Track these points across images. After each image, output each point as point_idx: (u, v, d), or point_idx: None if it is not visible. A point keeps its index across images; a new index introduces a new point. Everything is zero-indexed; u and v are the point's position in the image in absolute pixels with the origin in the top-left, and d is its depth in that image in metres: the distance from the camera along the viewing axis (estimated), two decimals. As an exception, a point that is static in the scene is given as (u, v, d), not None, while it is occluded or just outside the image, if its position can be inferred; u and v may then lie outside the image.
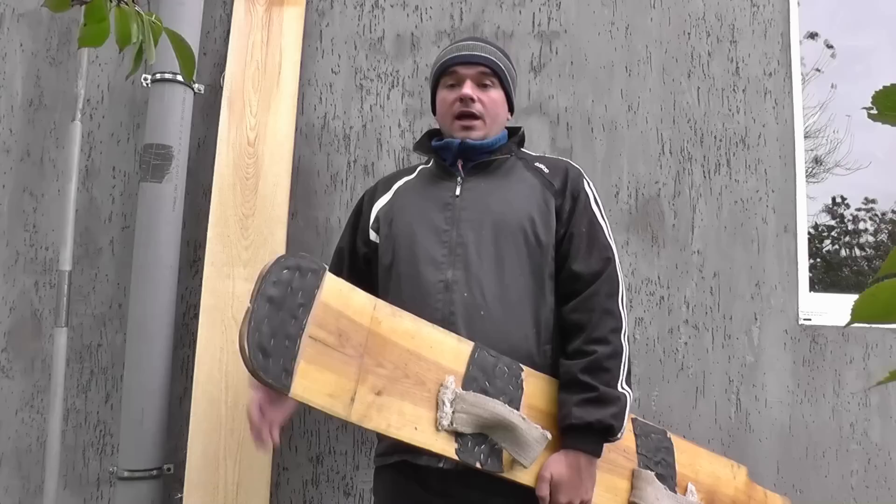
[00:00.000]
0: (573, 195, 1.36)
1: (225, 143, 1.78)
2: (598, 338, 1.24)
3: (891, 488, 1.85)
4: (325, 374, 1.08)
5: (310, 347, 1.07)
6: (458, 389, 1.17)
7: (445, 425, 1.14)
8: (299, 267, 1.09)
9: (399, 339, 1.17)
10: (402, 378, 1.15)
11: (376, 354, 1.13)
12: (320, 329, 1.08)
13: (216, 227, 1.73)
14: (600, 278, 1.29)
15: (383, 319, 1.17)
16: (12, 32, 1.96)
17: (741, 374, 1.88)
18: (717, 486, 1.50)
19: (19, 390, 1.83)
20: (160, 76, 1.77)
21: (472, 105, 1.39)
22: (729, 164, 1.97)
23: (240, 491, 1.60)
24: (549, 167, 1.41)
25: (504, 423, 1.16)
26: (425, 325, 1.21)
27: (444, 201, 1.37)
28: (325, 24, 1.99)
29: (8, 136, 1.92)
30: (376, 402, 1.11)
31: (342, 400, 1.09)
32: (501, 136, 1.46)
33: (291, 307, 1.06)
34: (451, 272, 1.29)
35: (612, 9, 2.02)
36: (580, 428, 1.20)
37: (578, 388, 1.22)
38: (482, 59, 1.41)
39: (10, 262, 1.87)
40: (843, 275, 2.40)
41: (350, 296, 1.15)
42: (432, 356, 1.18)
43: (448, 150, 1.41)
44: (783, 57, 2.02)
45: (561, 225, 1.35)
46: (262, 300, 1.04)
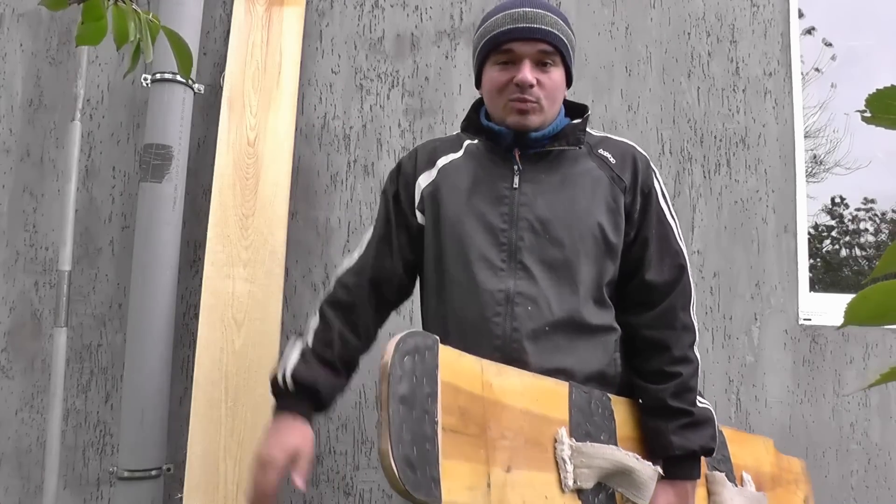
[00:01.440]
0: (644, 192, 1.21)
1: (225, 143, 1.78)
2: (681, 357, 1.16)
3: (891, 488, 1.85)
4: (461, 466, 0.93)
5: (444, 440, 0.91)
6: (572, 442, 1.07)
7: (570, 485, 1.04)
8: (417, 348, 0.93)
9: (511, 399, 1.03)
10: (523, 444, 1.02)
11: (496, 424, 1.00)
12: (447, 414, 0.93)
13: (216, 227, 1.73)
14: (675, 290, 1.18)
15: (493, 381, 1.02)
16: (12, 32, 1.97)
17: (741, 374, 1.88)
18: (759, 467, 1.47)
19: (19, 390, 1.83)
20: (160, 76, 1.77)
21: (530, 91, 1.16)
22: (729, 164, 1.97)
23: (240, 491, 1.60)
24: (616, 156, 1.23)
25: (622, 468, 1.09)
26: (527, 375, 1.08)
27: (499, 193, 1.17)
28: (325, 24, 1.99)
29: (8, 136, 1.92)
30: (509, 481, 0.98)
31: (481, 489, 0.94)
32: (561, 120, 1.25)
33: (422, 401, 0.90)
34: (514, 282, 1.13)
35: (612, 9, 2.02)
36: (683, 457, 1.14)
37: (671, 414, 1.14)
38: (544, 35, 1.16)
39: (10, 262, 1.87)
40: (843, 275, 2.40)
41: (460, 363, 1.00)
42: (540, 409, 1.06)
43: (506, 136, 1.20)
44: (783, 57, 2.02)
45: (631, 226, 1.20)
46: (395, 403, 0.87)
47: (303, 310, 1.86)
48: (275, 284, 1.73)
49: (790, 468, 1.59)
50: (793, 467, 1.61)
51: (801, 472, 1.62)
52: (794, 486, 1.57)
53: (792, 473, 1.59)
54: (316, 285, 1.87)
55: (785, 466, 1.57)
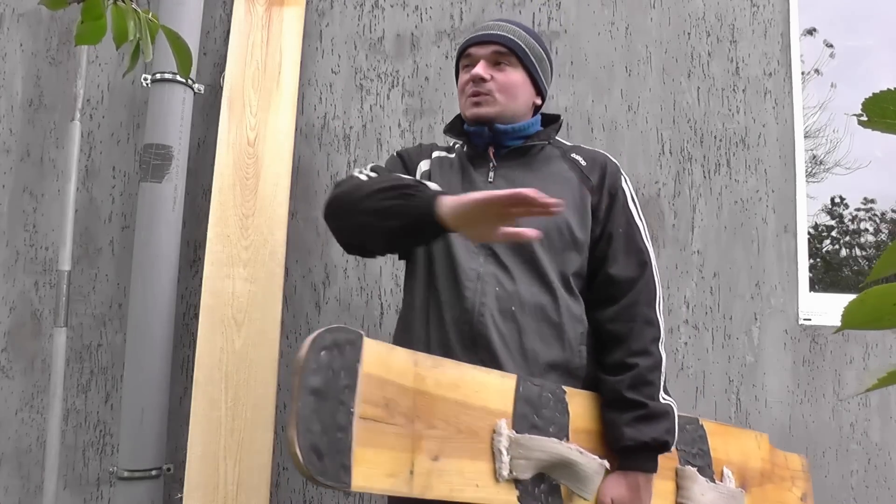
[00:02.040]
0: (611, 193, 1.29)
1: (225, 143, 1.78)
2: (639, 350, 1.20)
3: (891, 488, 1.85)
4: (381, 454, 0.98)
5: (362, 429, 0.96)
6: (511, 433, 1.10)
7: (505, 475, 1.07)
8: (336, 343, 0.97)
9: (446, 391, 1.07)
10: (456, 434, 1.06)
11: (427, 416, 1.04)
12: (368, 405, 0.98)
13: (216, 227, 1.73)
14: (637, 284, 1.24)
15: (427, 374, 1.07)
16: (12, 32, 1.97)
17: (741, 374, 1.88)
18: (747, 462, 1.47)
19: (19, 390, 1.83)
20: (160, 76, 1.77)
21: (482, 84, 1.29)
22: (729, 164, 1.97)
23: (240, 491, 1.59)
24: (587, 159, 1.33)
25: (563, 461, 1.11)
26: (468, 368, 1.12)
27: (476, 188, 1.27)
28: (325, 24, 1.99)
29: (8, 136, 1.92)
30: (435, 469, 1.03)
31: (402, 476, 0.99)
32: (534, 122, 1.36)
33: (337, 392, 0.95)
34: (484, 263, 1.22)
35: (612, 9, 2.02)
36: (635, 448, 1.16)
37: (626, 406, 1.18)
38: (496, 38, 1.32)
39: (10, 262, 1.87)
40: (843, 275, 2.39)
41: (390, 357, 1.05)
42: (479, 401, 1.10)
43: (479, 135, 1.34)
44: (783, 57, 2.02)
45: (597, 224, 1.28)
46: (305, 394, 0.92)
47: (303, 310, 1.86)
48: (275, 284, 1.73)
49: (786, 464, 1.58)
50: (790, 464, 1.59)
51: (801, 469, 1.61)
52: (788, 483, 1.56)
53: (788, 470, 1.58)
54: (316, 285, 1.87)
55: (780, 462, 1.56)
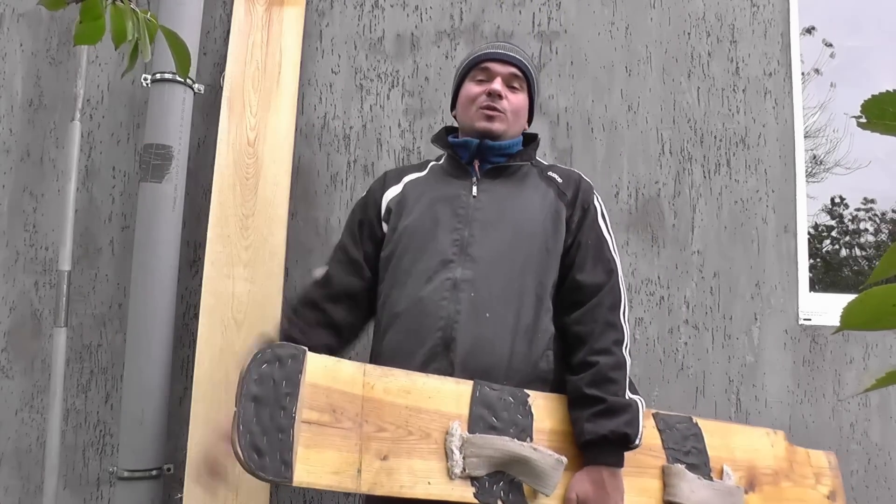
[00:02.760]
0: (583, 207, 1.37)
1: (225, 143, 1.78)
2: (601, 349, 1.24)
3: (891, 488, 1.85)
4: (325, 454, 1.07)
5: (305, 432, 1.06)
6: (464, 434, 1.16)
7: (458, 473, 1.13)
8: (278, 357, 1.08)
9: (395, 398, 1.16)
10: (406, 436, 1.14)
11: (375, 419, 1.13)
12: (312, 411, 1.08)
13: (216, 227, 1.73)
14: (603, 290, 1.29)
15: (375, 382, 1.16)
16: (12, 32, 1.97)
17: (741, 374, 1.88)
18: (756, 460, 1.45)
19: (19, 390, 1.83)
20: (160, 76, 1.77)
21: (499, 101, 1.38)
22: (729, 164, 1.97)
23: (240, 491, 1.59)
24: (563, 177, 1.41)
25: (517, 458, 1.15)
26: (419, 376, 1.19)
27: (458, 199, 1.35)
28: (325, 24, 1.99)
29: (8, 136, 1.92)
30: (384, 467, 1.10)
31: (348, 474, 1.08)
32: (517, 142, 1.44)
33: (278, 399, 1.06)
34: (461, 270, 1.27)
35: (612, 9, 2.02)
36: (596, 442, 1.19)
37: (587, 402, 1.21)
38: (516, 61, 1.42)
39: (10, 262, 1.87)
40: (843, 275, 2.39)
41: (337, 369, 1.14)
42: (433, 406, 1.17)
43: (465, 148, 1.40)
44: (783, 57, 2.02)
45: (569, 234, 1.35)
46: (246, 401, 1.04)
47: (303, 310, 1.86)
48: (275, 284, 1.73)
49: (808, 461, 1.56)
50: (813, 461, 1.57)
51: (828, 466, 1.59)
52: (812, 480, 1.54)
53: (811, 467, 1.56)
54: (316, 285, 1.87)
55: (800, 460, 1.54)
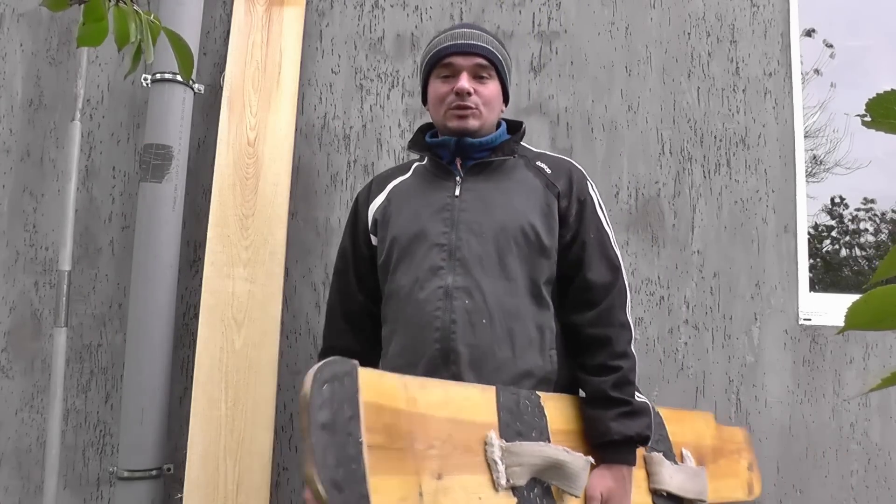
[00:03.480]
0: (579, 199, 1.32)
1: (225, 143, 1.78)
2: (621, 352, 1.26)
3: (891, 488, 1.85)
4: (391, 480, 0.99)
5: (370, 457, 0.97)
6: (502, 443, 1.13)
7: (503, 484, 1.10)
8: (336, 376, 0.99)
9: (436, 411, 1.10)
10: (452, 451, 1.08)
11: (424, 436, 1.06)
12: (372, 433, 0.99)
13: (216, 227, 1.73)
14: (614, 290, 1.28)
15: (417, 396, 1.09)
16: (12, 32, 1.96)
17: (741, 374, 1.88)
18: (700, 441, 1.54)
19: (19, 390, 1.83)
20: (160, 76, 1.77)
21: (469, 99, 1.31)
22: (729, 164, 1.97)
23: (240, 491, 1.59)
24: (552, 167, 1.36)
25: (553, 463, 1.15)
26: (451, 385, 1.16)
27: (442, 203, 1.31)
28: (325, 24, 1.99)
29: (8, 136, 1.92)
30: (441, 487, 1.04)
31: (412, 499, 1.00)
32: (500, 133, 1.39)
33: (344, 424, 0.96)
34: (452, 278, 1.24)
35: (612, 9, 2.02)
36: (621, 442, 1.21)
37: (612, 404, 1.23)
38: (479, 50, 1.33)
39: (10, 262, 1.87)
40: (843, 275, 2.40)
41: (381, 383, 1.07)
42: (468, 416, 1.13)
43: (445, 147, 1.36)
44: (783, 57, 2.02)
45: (567, 229, 1.31)
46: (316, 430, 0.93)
47: (303, 310, 1.86)
48: (275, 284, 1.73)
49: (732, 438, 1.66)
50: (735, 437, 1.67)
51: (744, 440, 1.70)
52: (736, 455, 1.64)
53: (734, 443, 1.66)
54: (316, 285, 1.87)
55: (727, 437, 1.64)
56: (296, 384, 1.82)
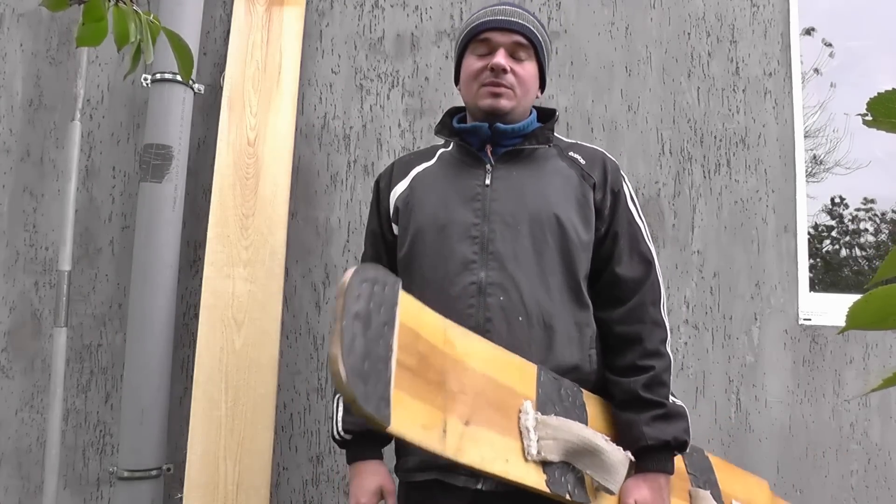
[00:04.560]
0: (613, 191, 1.25)
1: (225, 143, 1.78)
2: (653, 351, 1.18)
3: (891, 488, 1.85)
4: (416, 404, 0.94)
5: (399, 373, 0.92)
6: (538, 415, 1.07)
7: (534, 454, 1.04)
8: (377, 279, 0.94)
9: (474, 362, 1.04)
10: (485, 406, 1.03)
11: (457, 381, 1.00)
12: (404, 352, 0.95)
13: (216, 227, 1.73)
14: (645, 285, 1.22)
15: (456, 341, 1.04)
16: (12, 32, 1.96)
17: (741, 374, 1.88)
18: (753, 501, 1.45)
19: (19, 390, 1.83)
20: (160, 76, 1.77)
21: (504, 77, 1.22)
22: (729, 164, 1.97)
23: (240, 491, 1.60)
24: (586, 158, 1.28)
25: (590, 447, 1.08)
26: (492, 346, 1.10)
27: (472, 191, 1.22)
28: (325, 24, 1.99)
29: (8, 136, 1.92)
30: (467, 433, 0.99)
31: (436, 432, 0.95)
32: (532, 120, 1.30)
33: (377, 325, 0.92)
34: (485, 273, 1.16)
35: (612, 9, 2.02)
36: (657, 448, 1.14)
37: (644, 406, 1.15)
38: (519, 27, 1.24)
39: (10, 262, 1.87)
40: (843, 275, 2.39)
41: (421, 315, 1.02)
42: (506, 380, 1.07)
43: (475, 134, 1.26)
44: (783, 57, 2.02)
45: (602, 222, 1.24)
46: (349, 317, 0.88)
47: (303, 310, 1.86)
48: (275, 284, 1.73)
49: None
50: None
51: None
52: None
53: None
54: (316, 285, 1.87)
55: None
56: (296, 384, 1.82)
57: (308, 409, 1.81)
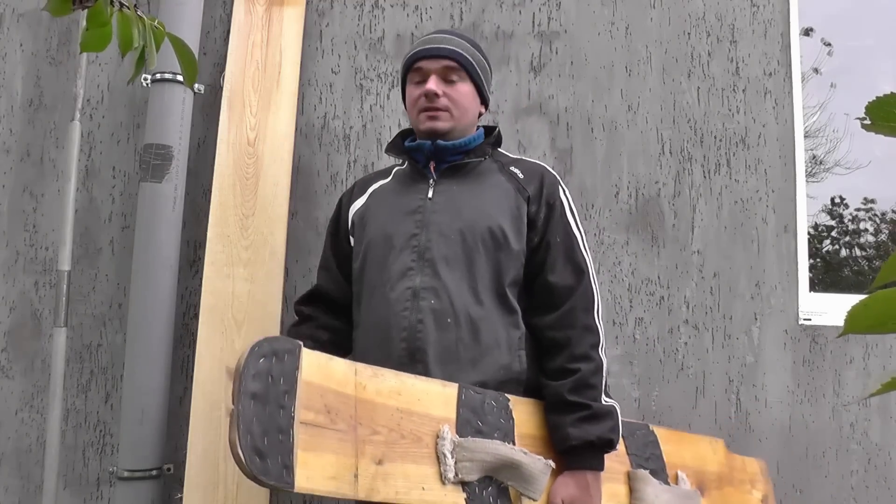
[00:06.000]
0: (548, 203, 1.33)
1: (225, 143, 1.78)
2: (580, 355, 1.24)
3: (891, 488, 1.85)
4: (323, 458, 1.00)
5: (303, 433, 0.99)
6: (455, 437, 1.13)
7: (451, 478, 1.10)
8: (275, 352, 1.01)
9: (386, 399, 1.11)
10: (399, 440, 1.10)
11: (369, 422, 1.08)
12: (308, 411, 1.01)
13: (216, 227, 1.73)
14: (576, 293, 1.28)
15: (367, 383, 1.11)
16: (12, 32, 1.96)
17: (741, 374, 1.88)
18: (703, 466, 1.52)
19: (19, 390, 1.83)
20: (160, 76, 1.77)
21: (437, 100, 1.33)
22: (729, 164, 1.97)
23: (240, 491, 1.59)
24: (525, 172, 1.37)
25: (508, 462, 1.14)
26: (408, 377, 1.16)
27: (414, 205, 1.33)
28: (325, 24, 1.99)
29: (8, 136, 1.92)
30: (380, 472, 1.06)
31: (346, 479, 1.02)
32: (477, 136, 1.41)
33: (277, 397, 0.98)
34: (420, 279, 1.26)
35: (612, 9, 2.02)
36: (582, 447, 1.20)
37: (570, 408, 1.22)
38: (446, 52, 1.35)
39: (10, 262, 1.87)
40: (843, 275, 2.40)
41: (329, 367, 1.09)
42: (422, 409, 1.14)
43: (420, 151, 1.38)
44: (783, 57, 2.02)
45: (535, 233, 1.31)
46: (245, 399, 0.95)
47: (303, 310, 1.86)
48: (275, 284, 1.73)
49: (744, 468, 1.63)
50: (748, 467, 1.64)
51: (760, 472, 1.67)
52: (748, 486, 1.62)
53: (746, 473, 1.63)
54: (316, 285, 1.87)
55: (737, 466, 1.61)
56: (296, 384, 1.82)
57: (308, 409, 1.81)
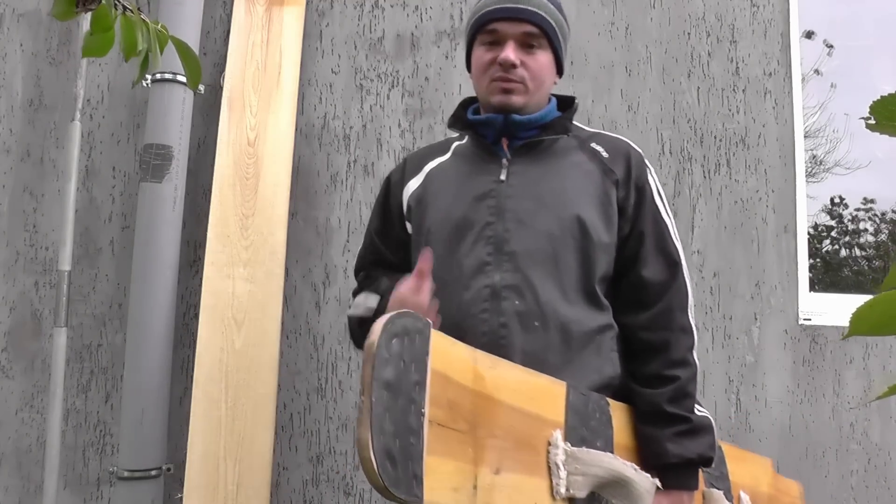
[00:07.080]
0: (637, 186, 1.16)
1: (225, 143, 1.78)
2: (678, 360, 1.12)
3: (891, 488, 1.85)
4: (447, 464, 0.86)
5: (430, 435, 0.85)
6: (567, 447, 1.01)
7: (563, 493, 0.98)
8: (407, 330, 0.86)
9: (503, 395, 0.97)
10: (514, 445, 0.96)
11: (487, 422, 0.93)
12: (435, 407, 0.86)
13: (216, 227, 1.73)
14: (671, 289, 1.14)
15: (486, 374, 0.96)
16: (12, 32, 1.96)
17: (741, 374, 1.88)
18: (758, 487, 1.44)
19: (19, 390, 1.83)
20: (160, 76, 1.77)
21: (514, 72, 1.14)
22: (729, 164, 1.97)
23: (240, 491, 1.59)
24: (608, 150, 1.19)
25: (619, 479, 1.03)
26: (521, 370, 1.02)
27: (486, 188, 1.15)
28: (325, 24, 1.99)
29: (8, 136, 1.92)
30: (497, 484, 0.92)
31: (467, 491, 0.88)
32: (551, 109, 1.22)
33: (408, 388, 0.84)
34: (499, 275, 1.09)
35: (612, 9, 2.02)
36: (680, 465, 1.09)
37: (668, 421, 1.09)
38: (528, 15, 1.14)
39: (10, 262, 1.87)
40: (843, 275, 2.40)
41: (451, 352, 0.93)
42: (535, 409, 1.01)
43: (490, 126, 1.18)
44: (783, 57, 2.02)
45: (625, 221, 1.15)
46: (378, 388, 0.80)
47: (303, 310, 1.86)
48: (275, 284, 1.73)
49: (788, 491, 1.57)
50: (790, 490, 1.58)
51: (799, 495, 1.60)
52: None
53: (789, 496, 1.56)
54: (316, 285, 1.87)
55: (783, 489, 1.55)
56: (296, 384, 1.82)
57: (308, 409, 1.81)
